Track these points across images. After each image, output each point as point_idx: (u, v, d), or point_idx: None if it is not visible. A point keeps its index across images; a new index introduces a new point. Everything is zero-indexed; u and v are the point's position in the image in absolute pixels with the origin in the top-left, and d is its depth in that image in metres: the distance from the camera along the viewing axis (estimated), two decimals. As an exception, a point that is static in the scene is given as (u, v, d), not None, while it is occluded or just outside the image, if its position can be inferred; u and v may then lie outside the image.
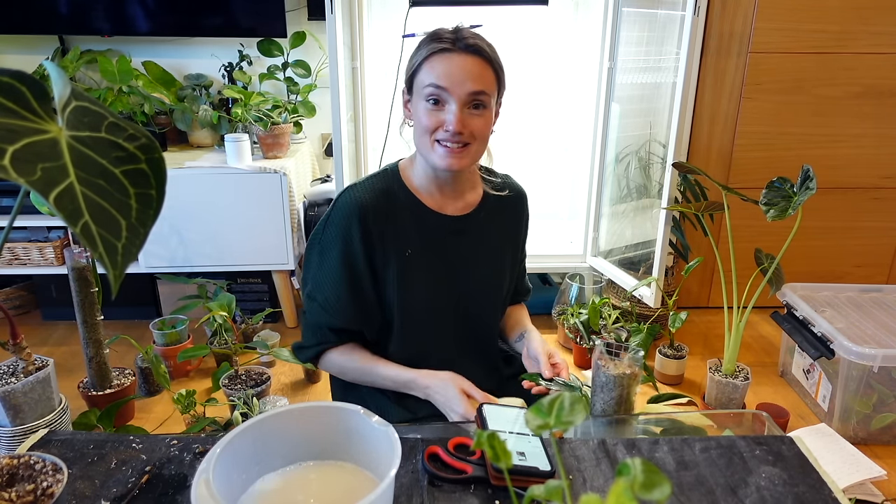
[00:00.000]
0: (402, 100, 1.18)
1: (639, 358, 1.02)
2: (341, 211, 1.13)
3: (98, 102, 0.56)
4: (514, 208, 1.29)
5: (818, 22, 2.38)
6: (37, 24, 2.48)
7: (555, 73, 2.64)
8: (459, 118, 1.06)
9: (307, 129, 2.76)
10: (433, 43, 1.08)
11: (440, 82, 1.06)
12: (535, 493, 0.51)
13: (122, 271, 0.49)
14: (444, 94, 1.06)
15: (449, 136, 1.07)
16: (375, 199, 1.13)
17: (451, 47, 1.07)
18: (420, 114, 1.09)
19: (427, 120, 1.08)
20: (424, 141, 1.10)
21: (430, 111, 1.07)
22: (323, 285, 1.15)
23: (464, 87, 1.06)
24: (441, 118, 1.07)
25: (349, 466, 0.78)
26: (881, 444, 1.88)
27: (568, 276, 2.50)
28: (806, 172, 1.72)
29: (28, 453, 0.77)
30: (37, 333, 2.52)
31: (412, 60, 1.12)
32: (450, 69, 1.06)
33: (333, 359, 1.20)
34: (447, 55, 1.07)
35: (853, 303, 2.19)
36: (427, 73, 1.07)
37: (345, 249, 1.12)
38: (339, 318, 1.16)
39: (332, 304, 1.15)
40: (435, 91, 1.06)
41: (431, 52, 1.07)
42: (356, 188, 1.14)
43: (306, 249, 1.20)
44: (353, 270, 1.13)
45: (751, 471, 0.85)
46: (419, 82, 1.09)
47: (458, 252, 1.20)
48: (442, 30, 1.10)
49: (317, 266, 1.16)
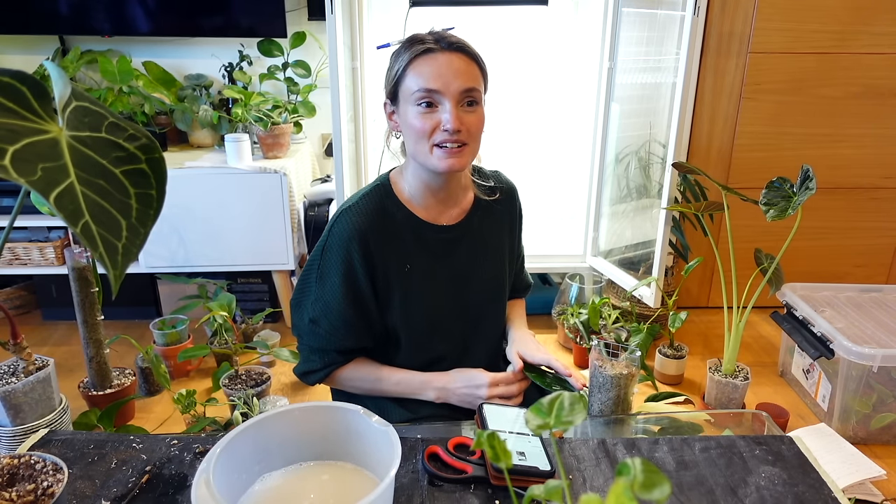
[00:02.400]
0: (386, 112, 1.14)
1: (636, 358, 1.02)
2: (339, 237, 1.11)
3: (98, 102, 0.57)
4: (507, 204, 1.27)
5: (818, 22, 2.38)
6: (37, 24, 2.48)
7: (555, 73, 2.64)
8: (456, 116, 1.04)
9: (307, 129, 2.76)
10: (415, 46, 1.05)
11: (431, 84, 1.03)
12: (535, 493, 0.51)
13: (123, 271, 0.49)
14: (436, 96, 1.04)
15: (448, 136, 1.04)
16: (372, 222, 1.11)
17: (435, 47, 1.05)
18: (412, 120, 1.06)
19: (421, 124, 1.05)
20: (421, 147, 1.07)
21: (424, 115, 1.05)
22: (328, 311, 1.13)
23: (456, 85, 1.04)
24: (436, 120, 1.05)
25: (349, 466, 0.78)
26: (881, 444, 1.88)
27: (568, 276, 2.50)
28: (806, 172, 1.72)
29: (28, 453, 0.77)
30: (37, 333, 2.52)
31: (393, 69, 1.09)
32: (439, 69, 1.04)
33: (343, 377, 1.19)
34: (432, 56, 1.05)
35: (853, 303, 2.19)
36: (414, 78, 1.05)
37: (346, 273, 1.11)
38: (350, 340, 1.15)
39: (341, 328, 1.13)
40: (426, 94, 1.04)
41: (415, 56, 1.05)
42: (351, 212, 1.11)
43: (303, 272, 1.18)
44: (356, 293, 1.12)
45: (751, 471, 0.85)
46: (406, 89, 1.06)
47: (458, 260, 1.19)
48: (418, 34, 1.08)
49: (317, 292, 1.14)
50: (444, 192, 1.16)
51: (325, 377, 1.19)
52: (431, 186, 1.15)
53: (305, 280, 1.16)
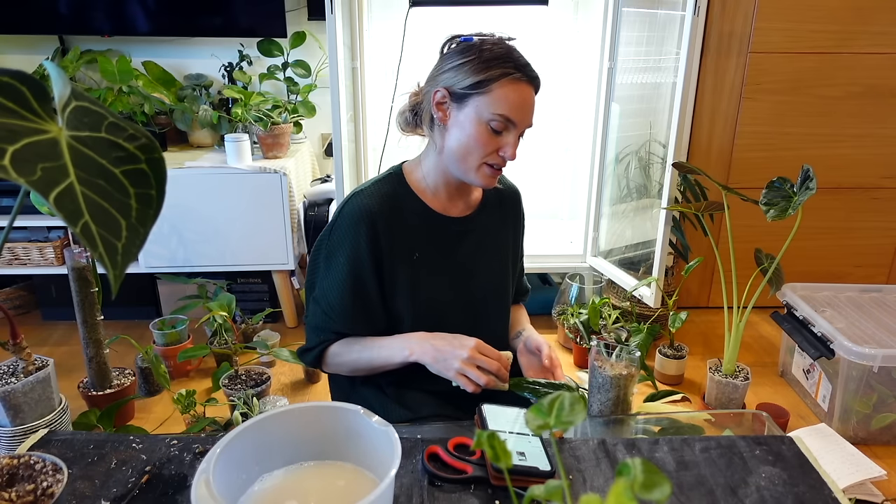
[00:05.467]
0: (435, 99, 1.10)
1: (635, 358, 1.02)
2: (349, 218, 1.12)
3: (98, 102, 0.56)
4: (512, 206, 1.30)
5: (818, 22, 2.38)
6: (37, 24, 2.48)
7: (555, 73, 2.64)
8: (516, 147, 1.08)
9: (307, 129, 2.76)
10: (507, 67, 1.05)
11: (512, 115, 1.06)
12: (535, 493, 0.51)
13: (122, 271, 0.49)
14: (510, 125, 1.07)
15: (502, 161, 1.09)
16: (382, 205, 1.12)
17: (522, 77, 1.07)
18: (474, 132, 1.07)
19: (485, 143, 1.07)
20: (471, 159, 1.09)
21: (491, 136, 1.07)
22: (328, 290, 1.14)
23: (528, 121, 1.09)
24: (497, 143, 1.08)
25: (349, 466, 0.78)
26: (881, 444, 1.88)
27: (568, 276, 2.50)
28: (806, 172, 1.72)
29: (28, 453, 0.77)
30: (37, 333, 2.52)
31: (474, 74, 1.05)
32: (522, 102, 1.06)
33: (332, 352, 1.18)
34: (519, 84, 1.06)
35: (853, 303, 2.19)
36: (498, 102, 1.05)
37: (352, 255, 1.12)
38: (342, 322, 1.15)
39: (336, 309, 1.14)
40: (504, 122, 1.06)
41: (504, 77, 1.05)
42: (363, 194, 1.13)
43: (312, 253, 1.20)
44: (359, 276, 1.13)
45: (751, 471, 0.85)
46: (484, 104, 1.06)
47: (465, 253, 1.21)
48: (506, 48, 1.08)
49: (323, 271, 1.16)
50: (458, 187, 1.19)
51: (319, 355, 1.19)
52: (450, 182, 1.17)
53: (314, 261, 1.19)
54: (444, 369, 1.06)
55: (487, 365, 1.04)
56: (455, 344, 1.06)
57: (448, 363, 1.05)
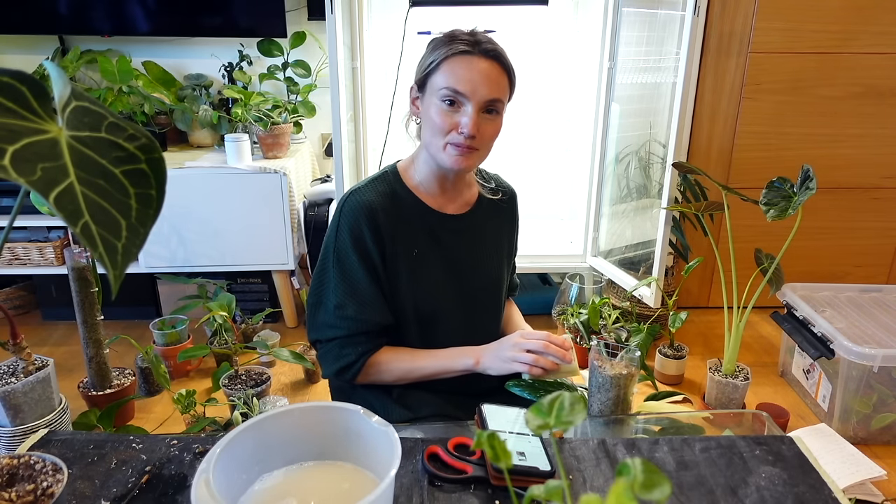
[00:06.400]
0: (411, 96, 1.17)
1: (635, 358, 1.02)
2: (350, 215, 1.12)
3: (98, 102, 0.56)
4: (508, 205, 1.31)
5: (818, 22, 2.38)
6: (37, 24, 2.48)
7: (555, 73, 2.64)
8: (475, 122, 1.07)
9: (307, 129, 2.76)
10: (452, 44, 1.07)
11: (459, 87, 1.06)
12: (535, 493, 0.51)
13: (122, 271, 0.49)
14: (461, 98, 1.07)
15: (462, 138, 1.07)
16: (381, 200, 1.13)
17: (471, 50, 1.07)
18: (433, 114, 1.09)
19: (441, 121, 1.08)
20: (436, 141, 1.10)
21: (445, 112, 1.08)
22: (355, 289, 1.12)
23: (482, 93, 1.06)
24: (455, 120, 1.08)
25: (349, 466, 0.78)
26: (881, 444, 1.88)
27: (568, 276, 2.50)
28: (806, 172, 1.72)
29: (28, 453, 0.77)
30: (37, 333, 2.52)
31: (428, 59, 1.10)
32: (470, 73, 1.06)
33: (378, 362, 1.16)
34: (467, 58, 1.06)
35: (853, 303, 2.19)
36: (445, 75, 1.07)
37: (361, 250, 1.12)
38: (378, 314, 1.14)
39: (368, 304, 1.13)
40: (452, 94, 1.07)
41: (451, 54, 1.07)
42: (360, 192, 1.14)
43: (317, 268, 1.17)
44: (373, 269, 1.13)
45: (751, 471, 0.85)
46: (435, 83, 1.09)
47: (461, 250, 1.22)
48: (459, 31, 1.09)
49: (338, 276, 1.13)
50: (452, 182, 1.20)
51: (361, 369, 1.16)
52: (440, 176, 1.18)
53: (322, 271, 1.16)
54: (505, 364, 1.11)
55: (534, 346, 1.09)
56: (504, 346, 1.12)
57: (511, 360, 1.10)
